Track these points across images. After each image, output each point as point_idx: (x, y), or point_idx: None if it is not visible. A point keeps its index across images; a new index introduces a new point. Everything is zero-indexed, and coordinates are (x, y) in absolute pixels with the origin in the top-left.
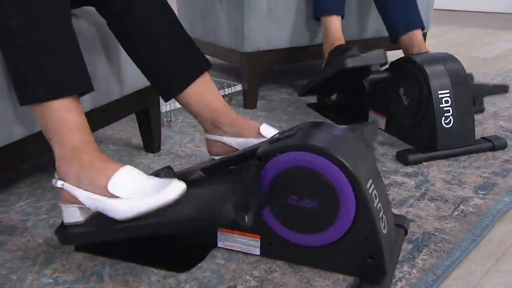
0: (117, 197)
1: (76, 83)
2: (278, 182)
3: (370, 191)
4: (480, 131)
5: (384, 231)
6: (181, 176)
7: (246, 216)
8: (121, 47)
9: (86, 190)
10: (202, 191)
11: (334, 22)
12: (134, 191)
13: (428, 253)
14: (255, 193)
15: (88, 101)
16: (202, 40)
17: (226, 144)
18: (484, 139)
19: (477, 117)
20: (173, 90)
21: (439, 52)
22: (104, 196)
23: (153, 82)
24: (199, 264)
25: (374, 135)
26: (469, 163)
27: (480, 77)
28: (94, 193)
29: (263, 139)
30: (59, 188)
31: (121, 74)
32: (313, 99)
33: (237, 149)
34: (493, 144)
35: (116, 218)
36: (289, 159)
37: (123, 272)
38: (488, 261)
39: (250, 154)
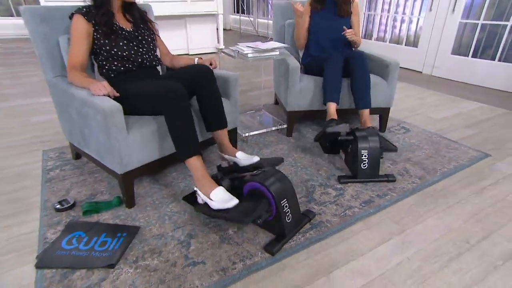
0: (212, 200)
1: (196, 150)
2: (251, 192)
3: (282, 204)
4: (391, 168)
5: (288, 221)
6: (225, 173)
7: (258, 221)
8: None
9: (204, 195)
10: (242, 207)
11: (332, 107)
12: (219, 199)
13: (314, 231)
14: (265, 211)
15: (200, 139)
16: (277, 94)
17: (226, 158)
18: (385, 175)
19: (397, 159)
20: (207, 130)
21: (369, 129)
22: (208, 198)
23: (204, 122)
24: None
25: (277, 163)
26: (370, 187)
27: (421, 135)
28: (206, 196)
29: (237, 158)
30: (194, 189)
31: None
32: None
33: (228, 161)
34: (388, 179)
35: (211, 207)
36: (254, 185)
37: (196, 215)
38: (342, 241)
39: (243, 178)
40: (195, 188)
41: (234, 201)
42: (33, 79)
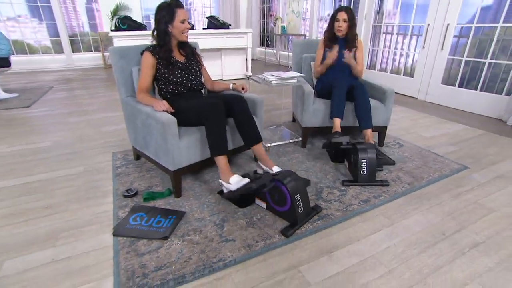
0: (230, 184)
1: (224, 150)
2: (272, 188)
3: (296, 198)
4: (386, 175)
5: (300, 212)
6: (252, 175)
7: (264, 189)
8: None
9: (225, 182)
10: (250, 184)
11: (337, 121)
12: (235, 181)
13: (321, 221)
14: (269, 181)
15: (231, 147)
16: (294, 113)
17: (263, 168)
18: (381, 180)
19: (391, 168)
20: (246, 146)
21: (367, 144)
22: (228, 183)
23: (243, 141)
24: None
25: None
26: (368, 189)
27: (413, 149)
28: (226, 183)
29: (273, 171)
30: (219, 181)
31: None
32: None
33: (264, 170)
34: (382, 183)
35: (231, 189)
36: (275, 183)
37: (227, 203)
38: (342, 230)
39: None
40: (220, 181)
41: (246, 180)
42: (104, 98)
